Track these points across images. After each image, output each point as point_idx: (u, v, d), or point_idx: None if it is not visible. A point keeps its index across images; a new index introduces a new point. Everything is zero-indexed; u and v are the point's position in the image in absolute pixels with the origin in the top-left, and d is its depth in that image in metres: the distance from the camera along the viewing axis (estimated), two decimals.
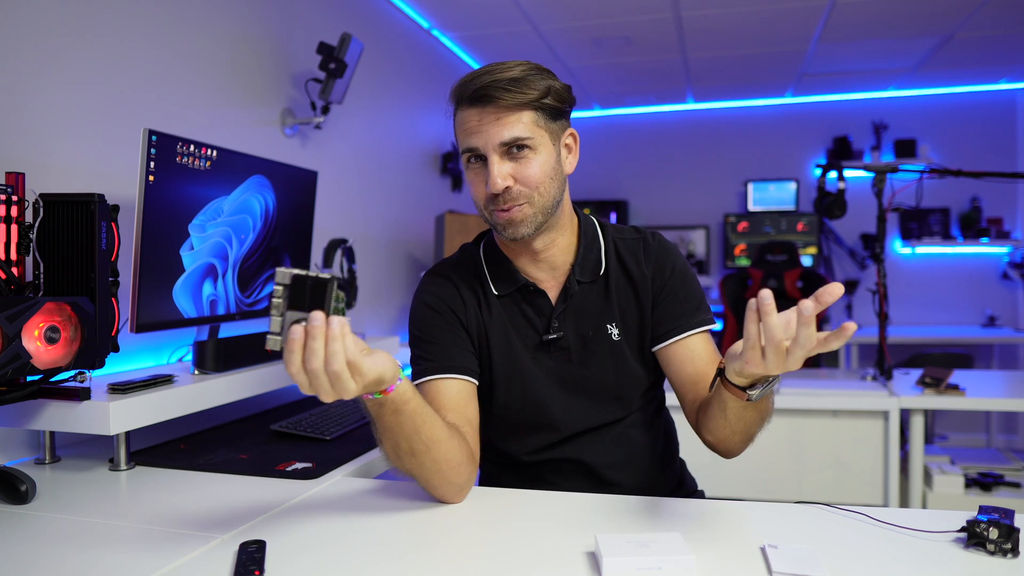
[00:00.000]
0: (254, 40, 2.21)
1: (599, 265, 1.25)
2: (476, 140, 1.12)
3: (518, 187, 1.12)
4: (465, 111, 1.13)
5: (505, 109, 1.10)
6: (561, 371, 1.24)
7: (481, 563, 0.91)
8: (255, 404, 1.89)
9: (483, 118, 1.11)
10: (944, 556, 0.91)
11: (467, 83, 1.12)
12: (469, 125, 1.12)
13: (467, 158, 1.15)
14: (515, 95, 1.10)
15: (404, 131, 3.32)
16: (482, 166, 1.13)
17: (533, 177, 1.13)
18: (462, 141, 1.15)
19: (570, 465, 1.26)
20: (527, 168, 1.12)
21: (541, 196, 1.14)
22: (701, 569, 0.87)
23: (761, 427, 1.08)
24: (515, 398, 1.24)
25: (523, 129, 1.11)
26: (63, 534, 1.04)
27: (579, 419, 1.24)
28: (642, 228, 1.31)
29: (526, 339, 1.24)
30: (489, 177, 1.11)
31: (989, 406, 2.53)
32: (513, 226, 1.14)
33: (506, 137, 1.10)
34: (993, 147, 4.81)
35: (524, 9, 3.24)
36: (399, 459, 1.04)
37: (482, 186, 1.14)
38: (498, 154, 1.11)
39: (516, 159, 1.12)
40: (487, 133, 1.11)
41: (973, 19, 3.44)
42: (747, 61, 4.17)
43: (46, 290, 1.25)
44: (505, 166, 1.12)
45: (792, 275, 3.96)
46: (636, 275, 1.25)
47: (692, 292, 1.25)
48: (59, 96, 1.55)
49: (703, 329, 1.22)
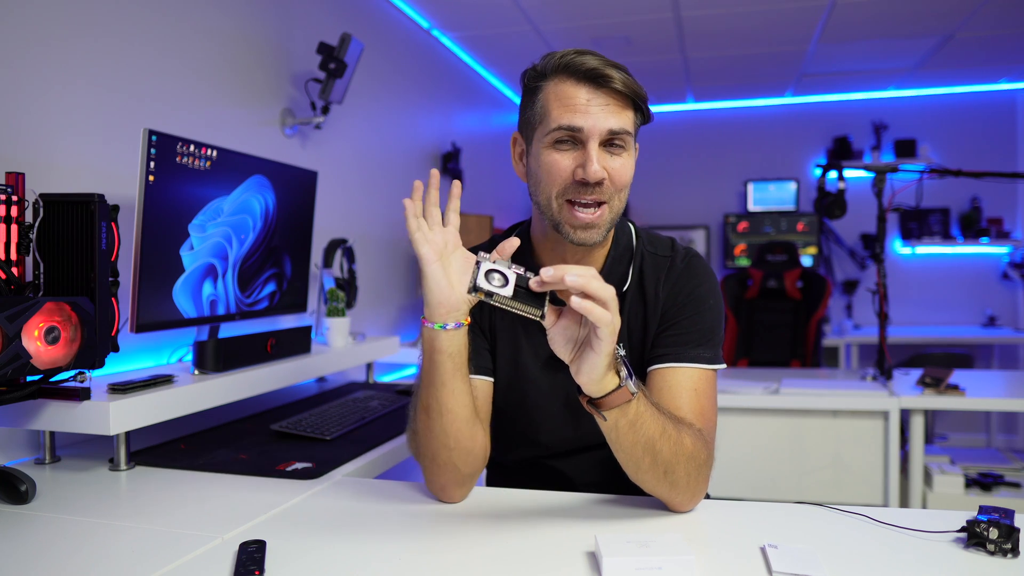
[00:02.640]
0: (254, 40, 2.21)
1: (624, 280, 1.17)
2: (582, 120, 1.02)
3: (608, 183, 1.04)
4: (570, 85, 1.03)
5: (618, 98, 1.03)
6: (568, 387, 1.16)
7: (481, 563, 0.91)
8: (255, 404, 1.89)
9: (594, 99, 1.02)
10: (944, 556, 0.91)
11: (575, 57, 1.03)
12: (575, 102, 1.02)
13: (555, 138, 1.04)
14: (631, 87, 1.03)
15: (404, 131, 3.32)
16: (572, 148, 1.04)
17: (623, 178, 1.06)
18: (559, 116, 1.03)
19: (550, 475, 1.24)
20: (621, 167, 1.05)
21: (620, 202, 1.07)
22: (701, 569, 0.87)
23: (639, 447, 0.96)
24: (510, 407, 1.20)
25: (628, 124, 1.05)
26: (63, 534, 1.04)
27: (571, 437, 1.20)
28: (679, 245, 1.21)
29: (537, 350, 1.19)
30: (588, 162, 1.01)
31: (989, 406, 2.53)
32: (590, 230, 1.06)
33: (615, 126, 1.03)
34: (993, 147, 4.81)
35: (524, 9, 3.24)
36: (415, 418, 1.06)
37: (567, 169, 1.04)
38: (599, 142, 1.03)
39: (613, 155, 1.05)
40: (596, 116, 1.02)
41: (973, 19, 3.44)
42: (747, 61, 4.18)
43: (46, 290, 1.25)
44: (604, 159, 1.04)
45: (792, 275, 3.96)
46: (650, 297, 1.16)
47: (700, 324, 1.13)
48: (59, 96, 1.55)
49: (696, 366, 1.09)
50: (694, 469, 1.01)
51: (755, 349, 3.94)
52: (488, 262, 0.90)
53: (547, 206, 1.08)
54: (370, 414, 1.74)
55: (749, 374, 3.01)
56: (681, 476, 1.00)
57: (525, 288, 0.90)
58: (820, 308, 3.80)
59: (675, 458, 0.98)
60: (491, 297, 0.89)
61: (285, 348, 1.83)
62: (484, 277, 0.89)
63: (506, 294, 0.89)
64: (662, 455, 0.97)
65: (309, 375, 1.89)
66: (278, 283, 1.92)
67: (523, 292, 0.90)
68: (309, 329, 1.96)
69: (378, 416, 1.75)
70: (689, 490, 1.03)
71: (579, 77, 1.03)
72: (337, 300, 2.15)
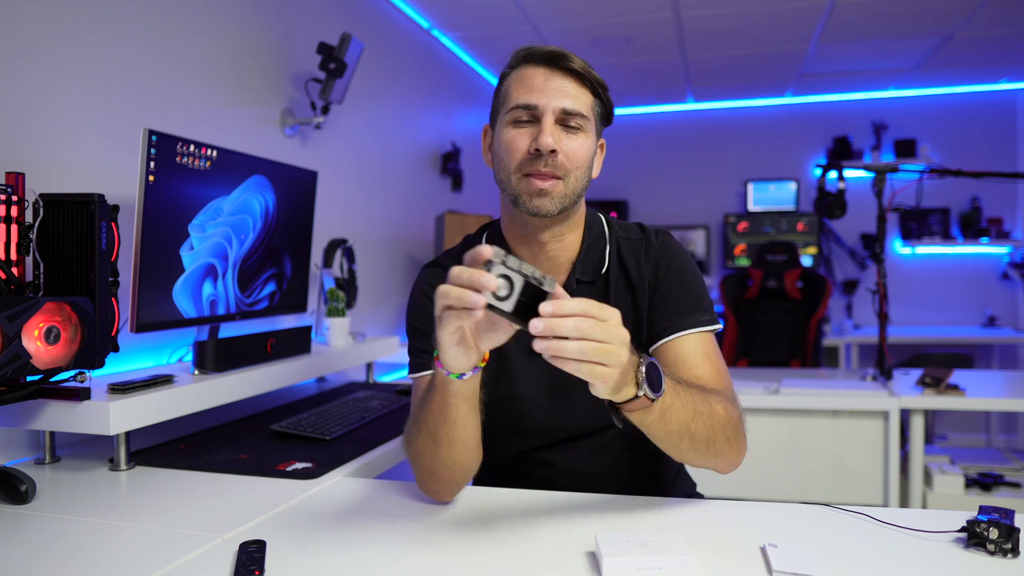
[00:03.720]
0: (254, 40, 2.21)
1: (601, 264, 1.21)
2: (537, 98, 1.08)
3: (562, 158, 1.09)
4: (530, 68, 1.11)
5: (574, 80, 1.10)
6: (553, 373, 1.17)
7: (481, 563, 0.91)
8: (255, 404, 1.89)
9: (550, 79, 1.09)
10: (944, 556, 0.90)
11: (537, 47, 1.11)
12: (533, 82, 1.09)
13: (514, 117, 1.10)
14: (587, 71, 1.11)
15: (404, 131, 3.32)
16: (528, 126, 1.10)
17: (577, 155, 1.10)
18: (517, 96, 1.10)
19: (544, 470, 1.23)
20: (575, 144, 1.10)
21: (575, 180, 1.11)
22: (701, 569, 0.87)
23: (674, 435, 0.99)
24: (499, 399, 1.19)
25: (584, 107, 1.10)
26: (63, 534, 1.04)
27: (560, 426, 1.21)
28: (648, 227, 1.26)
29: (521, 337, 1.20)
30: (541, 134, 1.07)
31: (989, 406, 2.53)
32: (543, 197, 1.09)
33: (569, 106, 1.09)
34: (993, 147, 4.81)
35: (524, 9, 3.24)
36: (418, 438, 1.04)
37: (524, 144, 1.09)
38: (554, 119, 1.08)
39: (567, 133, 1.10)
40: (551, 94, 1.08)
41: (973, 19, 3.44)
42: (747, 61, 4.18)
43: (46, 290, 1.25)
44: (557, 133, 1.09)
45: (792, 275, 3.96)
46: (635, 278, 1.20)
47: (689, 291, 1.18)
48: (59, 96, 1.55)
49: (698, 330, 1.15)
50: (732, 432, 1.04)
51: (755, 349, 3.94)
52: (498, 265, 0.80)
53: (507, 182, 1.13)
54: (370, 414, 1.74)
55: (749, 374, 3.01)
56: (722, 445, 1.04)
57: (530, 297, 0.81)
58: (820, 308, 3.80)
59: (712, 432, 1.01)
60: (491, 309, 0.81)
61: (285, 348, 1.83)
62: None
63: (506, 308, 0.81)
64: (699, 434, 1.00)
65: (309, 375, 1.89)
66: (278, 283, 1.92)
67: (525, 304, 0.82)
68: (309, 329, 1.96)
69: (378, 416, 1.75)
70: (733, 453, 1.07)
71: (538, 61, 1.11)
72: (337, 300, 2.15)
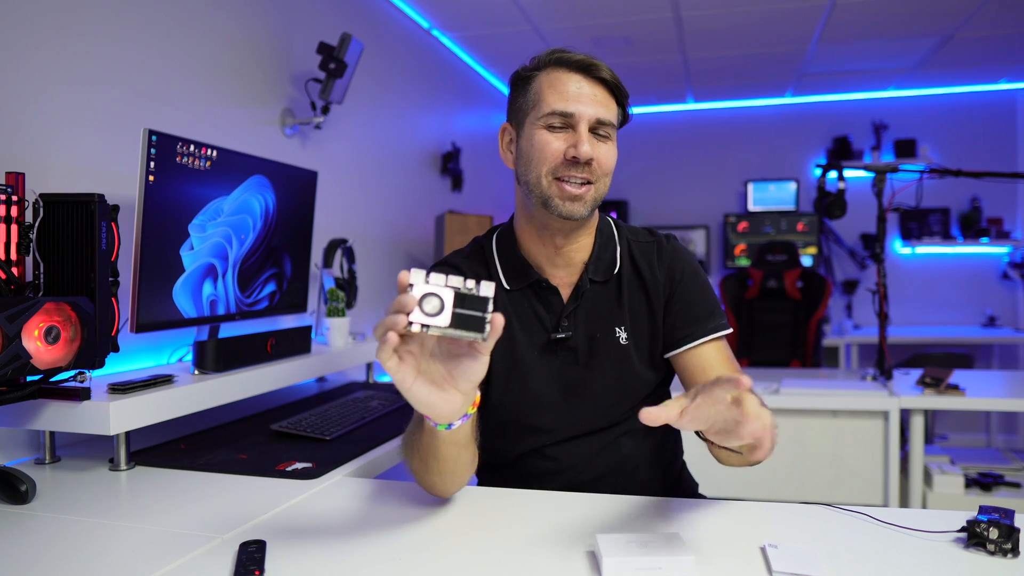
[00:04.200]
0: (254, 40, 2.21)
1: (613, 265, 1.23)
2: (575, 106, 1.11)
3: (595, 165, 1.13)
4: (564, 73, 1.13)
5: (605, 91, 1.14)
6: (565, 372, 1.22)
7: (481, 563, 0.91)
8: (255, 404, 1.89)
9: (584, 87, 1.12)
10: (944, 556, 0.90)
11: (568, 52, 1.13)
12: (568, 88, 1.12)
13: (548, 122, 1.13)
14: (617, 84, 1.15)
15: (404, 131, 3.32)
16: (563, 131, 1.13)
17: (608, 162, 1.14)
18: (552, 101, 1.12)
19: (551, 465, 1.24)
20: (606, 152, 1.14)
21: (604, 186, 1.15)
22: (701, 569, 0.87)
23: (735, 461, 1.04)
24: (510, 398, 1.21)
25: (613, 116, 1.15)
26: (63, 534, 1.04)
27: (570, 424, 1.22)
28: (656, 231, 1.29)
29: (533, 336, 1.22)
30: (579, 142, 1.10)
31: (989, 406, 2.53)
32: (575, 203, 1.12)
33: (603, 116, 1.12)
34: (993, 147, 4.81)
35: (524, 9, 3.24)
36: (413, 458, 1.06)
37: (560, 149, 1.12)
38: (589, 128, 1.12)
39: (599, 141, 1.13)
40: (587, 104, 1.11)
41: (973, 19, 3.44)
42: (747, 61, 4.18)
43: (46, 290, 1.25)
44: (592, 142, 1.12)
45: (792, 275, 3.96)
46: (648, 279, 1.22)
47: (704, 297, 1.22)
48: (59, 96, 1.55)
49: (717, 336, 1.20)
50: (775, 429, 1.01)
51: (755, 349, 3.94)
52: (421, 285, 0.77)
53: (536, 184, 1.14)
54: (370, 414, 1.74)
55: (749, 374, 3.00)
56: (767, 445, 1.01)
57: (465, 306, 0.78)
58: (820, 308, 3.80)
59: None
60: (426, 329, 0.77)
61: (285, 348, 1.83)
62: (418, 307, 0.77)
63: (441, 323, 0.77)
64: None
65: (309, 375, 1.89)
66: (278, 283, 1.92)
67: (461, 316, 0.78)
68: (309, 329, 1.96)
69: (378, 416, 1.75)
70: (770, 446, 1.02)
71: (571, 66, 1.13)
72: (337, 300, 2.15)
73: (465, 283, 0.78)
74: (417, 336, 0.82)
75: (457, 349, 0.84)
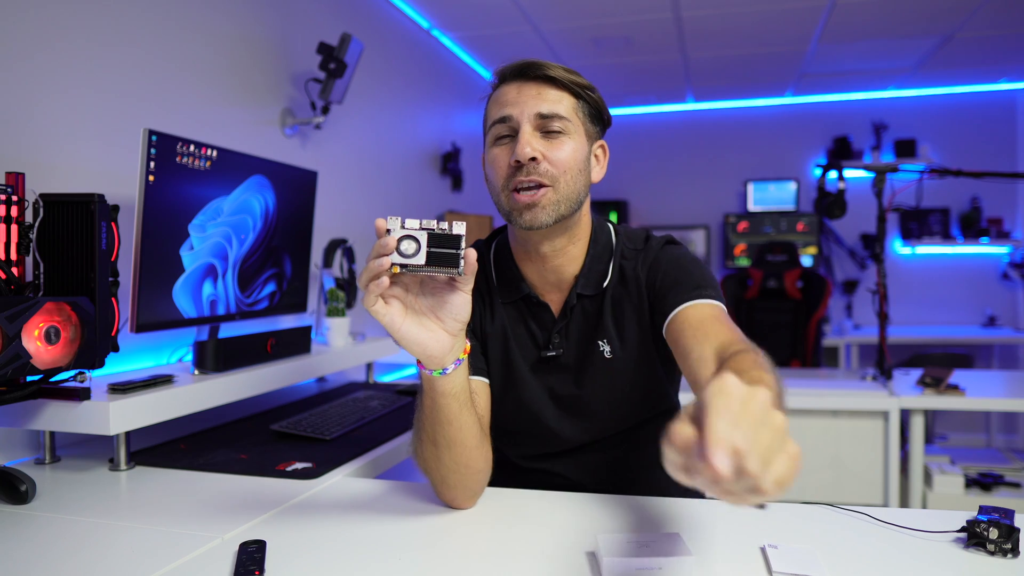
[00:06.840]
0: (254, 40, 2.21)
1: (604, 277, 1.17)
2: (511, 109, 1.06)
3: (546, 165, 1.05)
4: (504, 86, 1.09)
5: (549, 85, 1.07)
6: (557, 389, 1.19)
7: (481, 563, 0.91)
8: (255, 404, 1.89)
9: (523, 90, 1.07)
10: (944, 556, 0.91)
11: (507, 64, 1.09)
12: (506, 97, 1.07)
13: (495, 136, 1.08)
14: (562, 74, 1.07)
15: (404, 131, 3.32)
16: (510, 142, 1.07)
17: (563, 160, 1.06)
18: (493, 113, 1.08)
19: (558, 479, 1.24)
20: (559, 149, 1.06)
21: (567, 184, 1.06)
22: (701, 569, 0.87)
23: None
24: (509, 409, 1.20)
25: (563, 109, 1.07)
26: (63, 534, 1.04)
27: (572, 435, 1.21)
28: (653, 236, 1.21)
29: (525, 352, 1.20)
30: (518, 145, 1.04)
31: (989, 406, 2.53)
32: (532, 211, 1.05)
33: (544, 109, 1.05)
34: (993, 147, 4.81)
35: (524, 9, 3.24)
36: (421, 446, 1.03)
37: (505, 159, 1.06)
38: (532, 125, 1.05)
39: (549, 139, 1.06)
40: (524, 103, 1.06)
41: (973, 19, 3.44)
42: (747, 61, 4.18)
43: (46, 290, 1.25)
44: (537, 141, 1.05)
45: (792, 275, 3.97)
46: (631, 283, 1.16)
47: (688, 274, 1.11)
48: (59, 96, 1.54)
49: (706, 301, 1.06)
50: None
51: None
52: (398, 229, 0.84)
53: (499, 202, 1.10)
54: (370, 414, 1.74)
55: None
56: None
57: (439, 245, 0.85)
58: (820, 308, 3.80)
59: None
60: (406, 269, 0.84)
61: (285, 348, 1.83)
62: (396, 251, 0.84)
63: (419, 262, 0.84)
64: None
65: (309, 375, 1.89)
66: (278, 283, 1.92)
67: (436, 254, 0.85)
68: (309, 329, 1.96)
69: (378, 416, 1.75)
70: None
71: (510, 77, 1.10)
72: (337, 300, 2.15)
73: (439, 224, 0.85)
74: (400, 279, 0.88)
75: (439, 288, 0.90)
